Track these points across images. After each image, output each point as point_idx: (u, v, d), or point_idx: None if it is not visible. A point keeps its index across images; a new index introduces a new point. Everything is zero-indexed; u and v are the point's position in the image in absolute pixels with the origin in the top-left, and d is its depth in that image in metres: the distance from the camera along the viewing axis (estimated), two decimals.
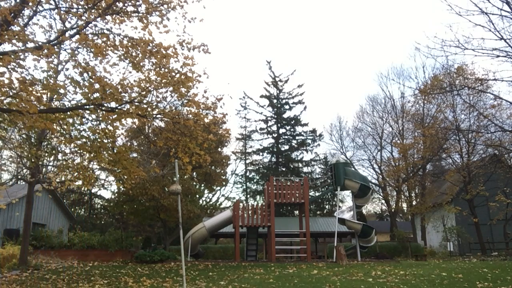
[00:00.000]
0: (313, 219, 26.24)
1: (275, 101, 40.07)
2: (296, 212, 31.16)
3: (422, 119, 27.28)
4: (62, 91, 7.18)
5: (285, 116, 39.83)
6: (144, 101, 8.09)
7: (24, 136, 12.92)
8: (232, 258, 19.50)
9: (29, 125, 6.67)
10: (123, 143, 13.13)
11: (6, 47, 6.63)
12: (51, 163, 21.71)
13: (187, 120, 8.76)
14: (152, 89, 8.07)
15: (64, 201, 27.96)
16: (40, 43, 6.50)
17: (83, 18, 7.19)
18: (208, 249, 24.36)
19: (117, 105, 7.82)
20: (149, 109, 8.20)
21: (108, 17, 7.64)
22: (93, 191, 32.28)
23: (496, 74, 36.38)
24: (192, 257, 19.05)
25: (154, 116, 8.61)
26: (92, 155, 8.73)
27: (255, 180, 38.83)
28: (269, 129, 39.86)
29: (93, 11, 7.28)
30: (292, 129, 39.73)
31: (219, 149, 23.73)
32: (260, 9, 75.46)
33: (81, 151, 8.99)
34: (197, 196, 22.49)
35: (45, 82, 7.00)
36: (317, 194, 35.84)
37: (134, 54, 7.72)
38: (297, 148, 39.22)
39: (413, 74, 52.67)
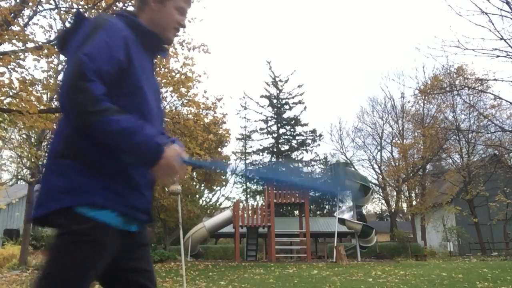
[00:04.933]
0: (313, 219, 26.23)
1: (275, 101, 40.06)
2: (296, 212, 31.17)
3: (422, 119, 27.29)
4: None
5: (285, 116, 39.82)
6: None
7: (24, 136, 12.93)
8: (232, 258, 19.49)
9: (29, 125, 6.67)
10: None
11: (6, 47, 6.64)
12: None
13: (187, 120, 8.77)
14: None
15: None
16: (40, 43, 6.50)
17: None
18: (208, 249, 24.36)
19: None
20: None
21: None
22: None
23: (496, 74, 36.46)
24: (192, 257, 19.06)
25: None
26: None
27: (255, 180, 38.82)
28: (269, 129, 39.85)
29: (93, 11, 7.28)
30: (292, 129, 39.71)
31: (219, 149, 23.71)
32: (260, 9, 75.51)
33: None
34: (197, 196, 22.50)
35: (45, 82, 7.02)
36: (317, 194, 35.87)
37: None
38: (297, 148, 39.21)
39: (413, 74, 52.73)
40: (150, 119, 1.34)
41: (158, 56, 1.64)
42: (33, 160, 11.24)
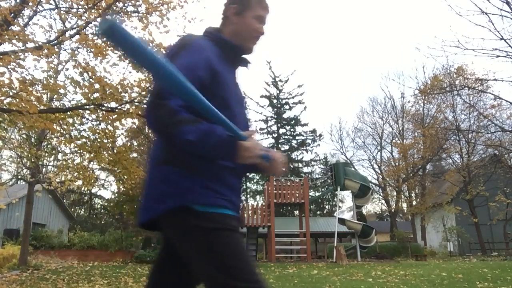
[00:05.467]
0: (313, 219, 26.23)
1: (275, 101, 40.07)
2: (296, 212, 31.18)
3: (422, 119, 27.30)
4: (62, 91, 7.19)
5: (285, 116, 39.84)
6: (144, 101, 8.10)
7: (24, 136, 12.92)
8: None
9: (29, 125, 6.67)
10: (123, 143, 13.13)
11: (6, 47, 6.64)
12: (51, 163, 21.71)
13: None
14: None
15: (64, 201, 27.96)
16: (40, 43, 6.49)
17: (83, 18, 7.19)
18: None
19: (117, 105, 7.82)
20: None
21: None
22: (93, 191, 32.26)
23: (496, 74, 36.48)
24: None
25: None
26: (92, 155, 8.74)
27: (255, 180, 38.84)
28: (269, 129, 39.87)
29: (93, 11, 7.27)
30: (292, 129, 39.72)
31: None
32: None
33: (81, 151, 9.00)
34: None
35: (45, 82, 7.01)
36: (317, 194, 35.87)
37: None
38: (297, 148, 39.22)
39: (413, 74, 52.76)
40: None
41: (242, 68, 1.72)
42: (33, 160, 11.23)
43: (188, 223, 1.34)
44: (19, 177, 29.21)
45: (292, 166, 39.00)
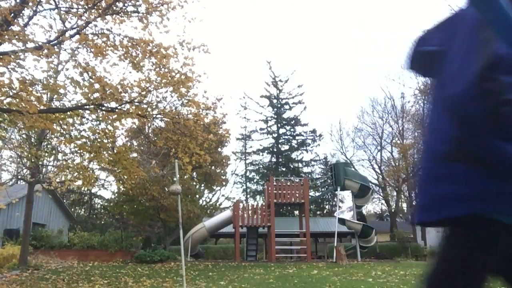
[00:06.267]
0: (313, 219, 26.21)
1: (275, 101, 40.06)
2: (296, 212, 31.17)
3: (422, 119, 27.30)
4: (62, 91, 7.19)
5: (285, 116, 39.83)
6: (144, 101, 8.11)
7: (24, 136, 12.92)
8: (232, 258, 19.49)
9: (29, 125, 6.68)
10: (123, 143, 13.12)
11: (6, 47, 6.64)
12: (51, 163, 21.70)
13: (187, 120, 8.77)
14: (152, 89, 8.08)
15: (64, 201, 27.96)
16: (40, 43, 6.50)
17: (83, 18, 7.20)
18: (208, 249, 24.35)
19: (117, 105, 7.83)
20: (149, 109, 8.21)
21: (108, 17, 7.65)
22: (93, 191, 32.28)
23: None
24: (192, 257, 19.05)
25: (154, 116, 8.62)
26: (92, 155, 8.75)
27: (255, 180, 38.82)
28: (269, 129, 39.85)
29: (93, 11, 7.28)
30: (292, 129, 39.72)
31: (219, 149, 23.73)
32: (260, 9, 75.50)
33: (81, 151, 9.00)
34: (197, 196, 22.50)
35: (45, 82, 7.01)
36: (317, 194, 35.86)
37: (134, 54, 7.74)
38: (297, 148, 39.21)
39: (413, 74, 52.77)
40: None
41: None
42: (33, 160, 11.24)
43: (473, 235, 1.17)
44: (19, 177, 29.22)
45: (292, 166, 39.03)
